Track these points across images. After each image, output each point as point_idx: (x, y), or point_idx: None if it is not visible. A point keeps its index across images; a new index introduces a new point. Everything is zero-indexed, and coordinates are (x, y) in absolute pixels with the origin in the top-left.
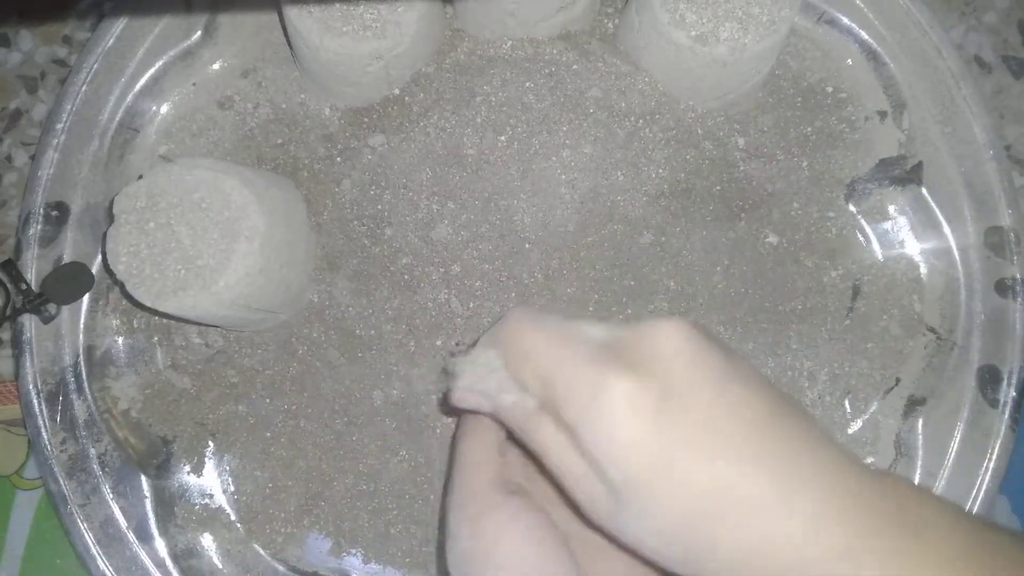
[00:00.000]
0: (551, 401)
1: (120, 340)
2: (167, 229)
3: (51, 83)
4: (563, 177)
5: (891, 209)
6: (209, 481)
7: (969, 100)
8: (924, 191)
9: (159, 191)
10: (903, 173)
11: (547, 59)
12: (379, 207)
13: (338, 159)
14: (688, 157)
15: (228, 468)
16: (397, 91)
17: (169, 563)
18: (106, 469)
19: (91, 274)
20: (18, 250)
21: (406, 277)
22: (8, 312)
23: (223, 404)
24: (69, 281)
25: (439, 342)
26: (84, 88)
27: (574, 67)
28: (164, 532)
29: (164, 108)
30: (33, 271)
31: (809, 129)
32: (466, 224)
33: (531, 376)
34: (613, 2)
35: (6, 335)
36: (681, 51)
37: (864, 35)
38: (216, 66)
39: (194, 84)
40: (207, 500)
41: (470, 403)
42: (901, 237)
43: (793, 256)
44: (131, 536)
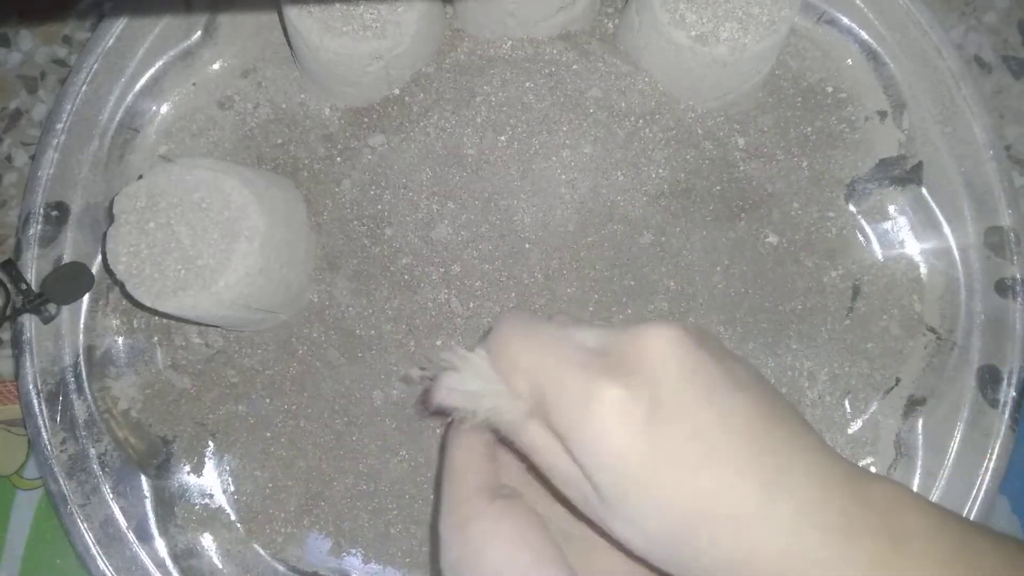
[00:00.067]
0: (541, 407)
1: (120, 340)
2: (167, 229)
3: (51, 83)
4: (563, 177)
5: (891, 209)
6: (209, 481)
7: (969, 100)
8: (924, 191)
9: (159, 191)
10: (903, 173)
11: (547, 59)
12: (379, 207)
13: (338, 159)
14: (688, 157)
15: (228, 468)
16: (397, 91)
17: (169, 563)
18: (106, 469)
19: (91, 274)
20: (18, 250)
21: (406, 277)
22: (8, 312)
23: (223, 404)
24: (69, 281)
25: (439, 342)
26: (84, 88)
27: (574, 67)
28: (164, 532)
29: (164, 108)
30: (33, 271)
31: (809, 129)
32: (466, 224)
33: (521, 382)
34: (613, 2)
35: (6, 335)
36: (681, 51)
37: (864, 35)
38: (216, 66)
39: (194, 84)
40: (207, 500)
41: (453, 402)
42: (901, 237)
43: (793, 256)
44: (131, 536)
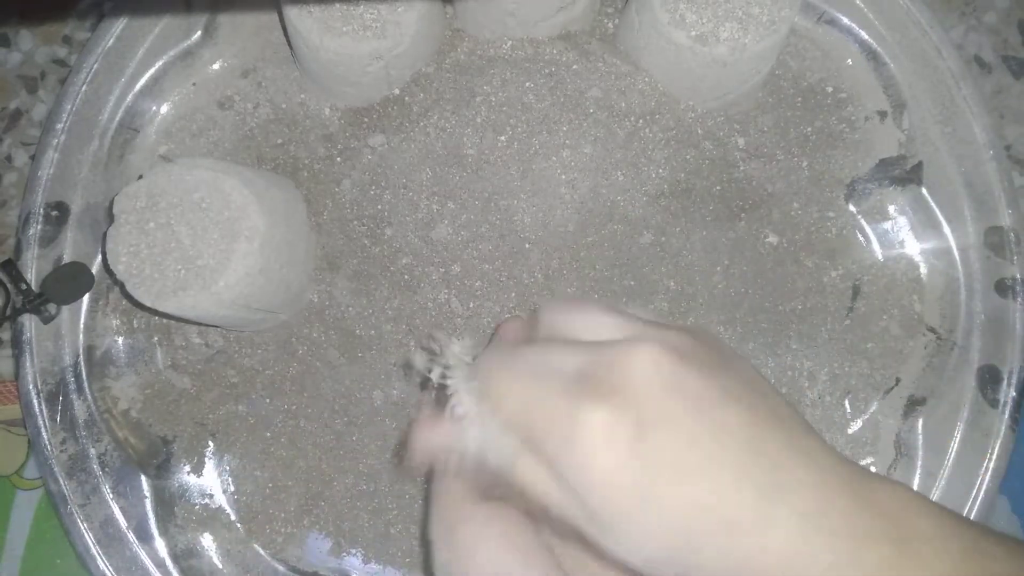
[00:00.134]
0: (530, 441)
1: (120, 340)
2: (167, 229)
3: (51, 83)
4: (563, 177)
5: (891, 209)
6: (209, 481)
7: (969, 100)
8: (924, 191)
9: (159, 191)
10: (903, 173)
11: (547, 59)
12: (379, 207)
13: (338, 159)
14: (688, 157)
15: (228, 468)
16: (397, 91)
17: (169, 563)
18: (106, 469)
19: (91, 274)
20: (18, 250)
21: (406, 277)
22: (8, 312)
23: (223, 404)
24: (69, 281)
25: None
26: (84, 88)
27: (574, 67)
28: (164, 532)
29: (164, 108)
30: (33, 271)
31: (809, 129)
32: (466, 224)
33: (509, 419)
34: (613, 2)
35: (6, 335)
36: (681, 51)
37: (864, 35)
38: (216, 66)
39: (194, 84)
40: (207, 500)
41: (440, 445)
42: (901, 237)
43: (793, 256)
44: (131, 536)
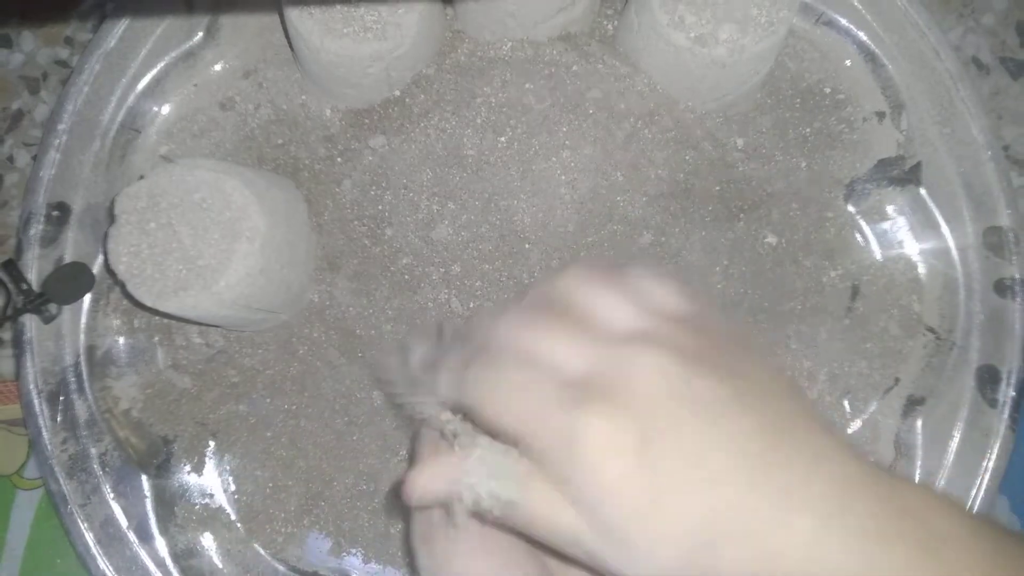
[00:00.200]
0: (532, 455)
1: (121, 340)
2: (168, 229)
3: (53, 84)
4: (563, 178)
5: (890, 209)
6: (209, 481)
7: (967, 101)
8: (923, 191)
9: (160, 191)
10: (902, 173)
11: (547, 60)
12: (379, 207)
13: (339, 160)
14: (687, 158)
15: (228, 468)
16: (398, 92)
17: (169, 563)
18: (106, 469)
19: (92, 274)
20: (19, 250)
21: (406, 277)
22: (9, 312)
23: (224, 404)
24: (70, 281)
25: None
26: (86, 89)
27: (574, 68)
28: (164, 532)
29: (165, 109)
30: (34, 271)
31: (808, 130)
32: (466, 224)
33: (507, 434)
34: (613, 3)
35: (7, 335)
36: (680, 52)
37: (862, 36)
38: (217, 67)
39: (195, 85)
40: (207, 500)
41: (440, 489)
42: (900, 237)
43: (792, 256)
44: (131, 536)
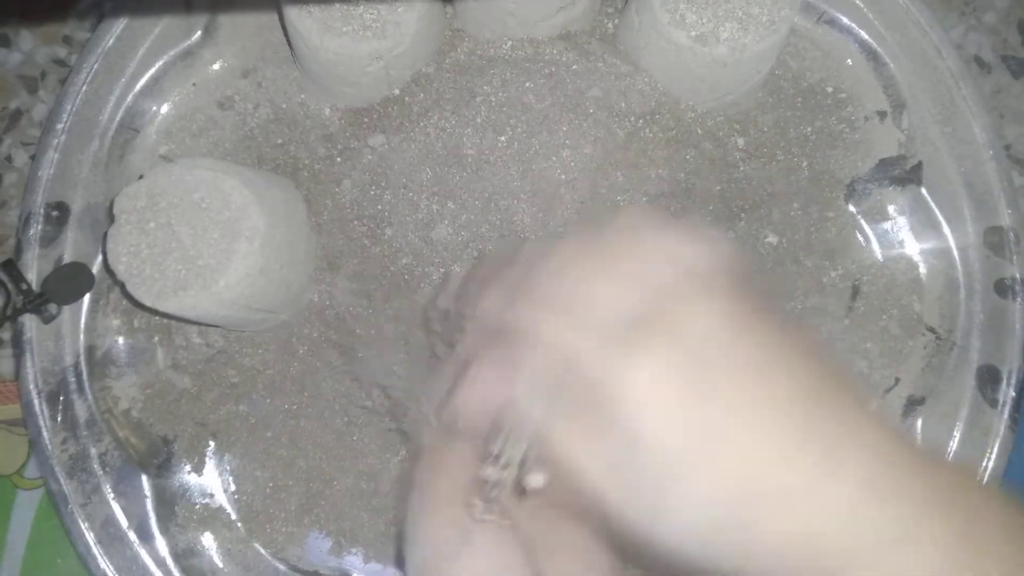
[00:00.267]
0: (577, 390)
1: (121, 340)
2: (167, 229)
3: (51, 83)
4: (563, 177)
5: (891, 209)
6: (210, 480)
7: (969, 100)
8: (924, 191)
9: (159, 191)
10: (903, 173)
11: (547, 59)
12: (379, 207)
13: (338, 159)
14: (688, 157)
15: (229, 468)
16: (397, 91)
17: (170, 562)
18: (107, 469)
19: (91, 274)
20: (19, 250)
21: (406, 277)
22: (9, 312)
23: (224, 404)
24: (69, 281)
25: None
26: (84, 88)
27: (574, 67)
28: (165, 531)
29: (164, 108)
30: (34, 271)
31: (809, 129)
32: (466, 224)
33: (556, 362)
34: (613, 2)
35: (7, 335)
36: (681, 51)
37: (864, 35)
38: (216, 66)
39: (194, 84)
40: (208, 499)
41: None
42: (901, 237)
43: (793, 256)
44: (132, 536)
